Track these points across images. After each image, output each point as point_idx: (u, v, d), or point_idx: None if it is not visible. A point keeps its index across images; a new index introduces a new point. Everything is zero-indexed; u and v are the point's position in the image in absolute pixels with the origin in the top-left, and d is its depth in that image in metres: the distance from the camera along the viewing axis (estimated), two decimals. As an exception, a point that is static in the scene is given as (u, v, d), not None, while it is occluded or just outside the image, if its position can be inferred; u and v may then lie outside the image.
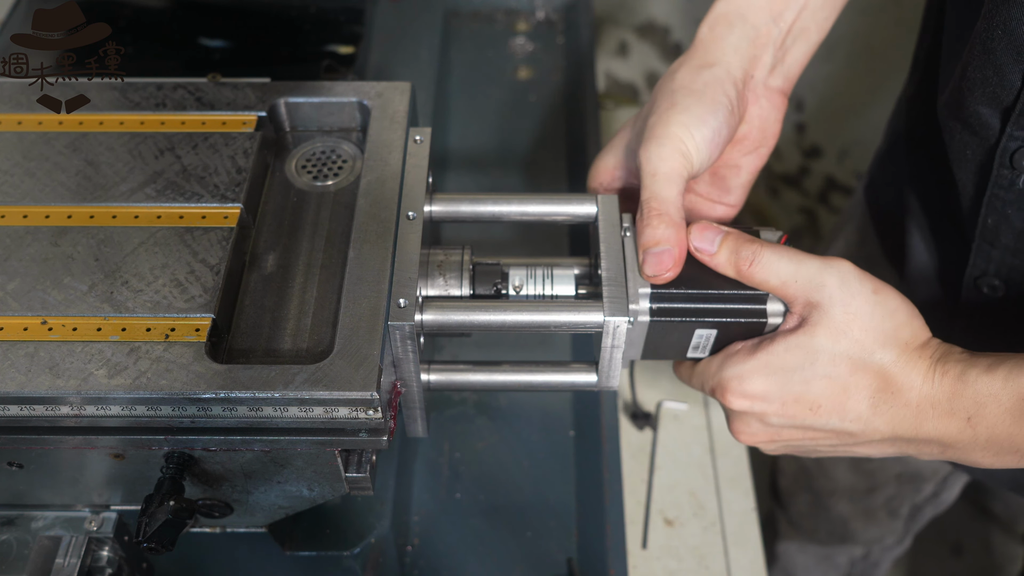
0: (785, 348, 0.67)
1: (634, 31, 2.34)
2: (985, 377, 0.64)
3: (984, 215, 0.81)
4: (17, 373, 0.62)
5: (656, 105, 0.74)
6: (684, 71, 0.75)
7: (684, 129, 0.71)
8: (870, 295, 0.66)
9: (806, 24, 0.79)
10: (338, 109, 0.81)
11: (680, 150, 0.71)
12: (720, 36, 0.76)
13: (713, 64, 0.75)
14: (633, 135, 0.78)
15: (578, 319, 0.69)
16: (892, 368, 0.66)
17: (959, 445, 0.66)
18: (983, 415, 0.64)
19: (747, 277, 0.68)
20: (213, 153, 0.76)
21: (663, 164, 0.70)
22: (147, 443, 0.65)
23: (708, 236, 0.70)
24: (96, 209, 0.72)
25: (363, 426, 0.64)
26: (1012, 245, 0.81)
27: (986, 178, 0.79)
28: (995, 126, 0.75)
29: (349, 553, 0.84)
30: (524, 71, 1.34)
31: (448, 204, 0.76)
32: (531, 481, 0.99)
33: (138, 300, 0.66)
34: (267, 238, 0.74)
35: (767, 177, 2.32)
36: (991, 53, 0.71)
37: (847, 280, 0.66)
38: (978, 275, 0.86)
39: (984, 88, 0.74)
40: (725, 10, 0.77)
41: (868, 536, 1.44)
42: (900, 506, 1.37)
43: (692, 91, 0.73)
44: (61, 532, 0.75)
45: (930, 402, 0.65)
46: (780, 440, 0.71)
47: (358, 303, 0.66)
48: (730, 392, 0.69)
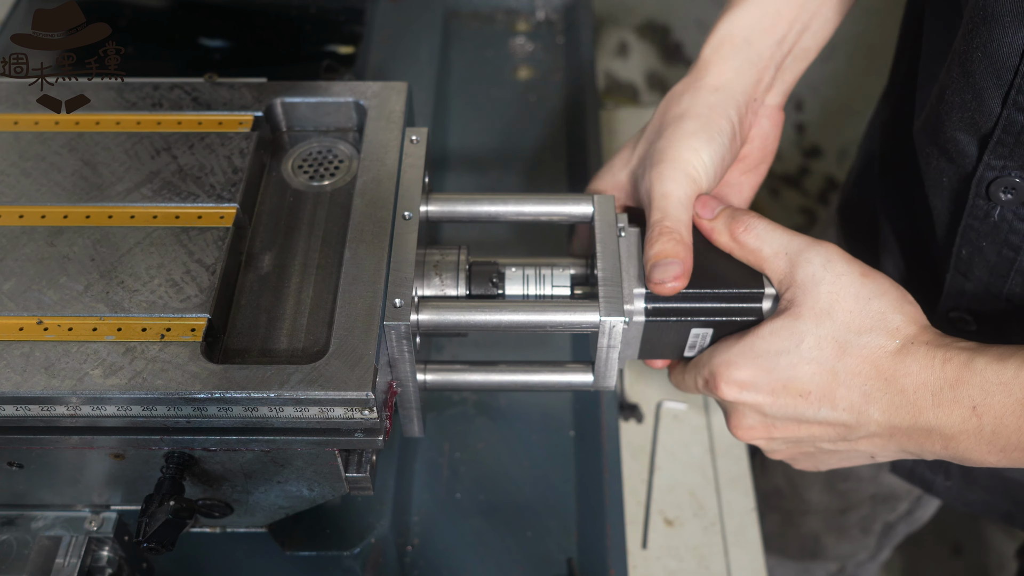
0: (770, 331, 0.67)
1: (634, 31, 2.34)
2: (995, 365, 0.61)
3: (959, 246, 0.78)
4: (12, 373, 0.62)
5: (664, 129, 0.74)
6: (690, 95, 0.75)
7: (694, 153, 0.72)
8: (856, 276, 0.65)
9: (807, 44, 0.79)
10: (334, 109, 0.81)
11: (690, 174, 0.71)
12: (724, 59, 0.76)
13: (718, 88, 0.75)
14: (636, 158, 0.77)
15: (574, 319, 0.69)
16: (882, 354, 0.64)
17: (962, 437, 0.63)
18: (990, 404, 0.61)
19: (740, 243, 0.69)
20: (209, 153, 0.76)
21: (675, 187, 0.71)
22: (144, 443, 0.65)
23: (711, 204, 0.71)
24: (92, 209, 0.72)
25: (359, 426, 0.64)
26: (985, 279, 0.78)
27: (961, 207, 0.75)
28: (972, 154, 0.72)
29: (349, 553, 0.84)
30: (524, 71, 1.34)
31: (444, 204, 0.76)
32: (531, 481, 0.99)
33: (134, 300, 0.66)
34: (263, 238, 0.74)
35: (767, 177, 2.31)
36: (970, 76, 0.68)
37: (833, 260, 0.66)
38: (950, 307, 0.83)
39: (962, 113, 0.71)
40: (729, 32, 0.77)
41: (840, 552, 1.42)
42: (873, 523, 1.35)
43: (699, 115, 0.73)
44: (61, 532, 0.75)
45: (930, 389, 0.63)
46: (777, 435, 0.70)
47: (354, 303, 0.66)
48: (720, 379, 0.68)
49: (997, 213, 0.73)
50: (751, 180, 0.81)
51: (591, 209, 0.74)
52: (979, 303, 0.80)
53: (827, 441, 0.69)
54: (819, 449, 0.71)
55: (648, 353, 0.74)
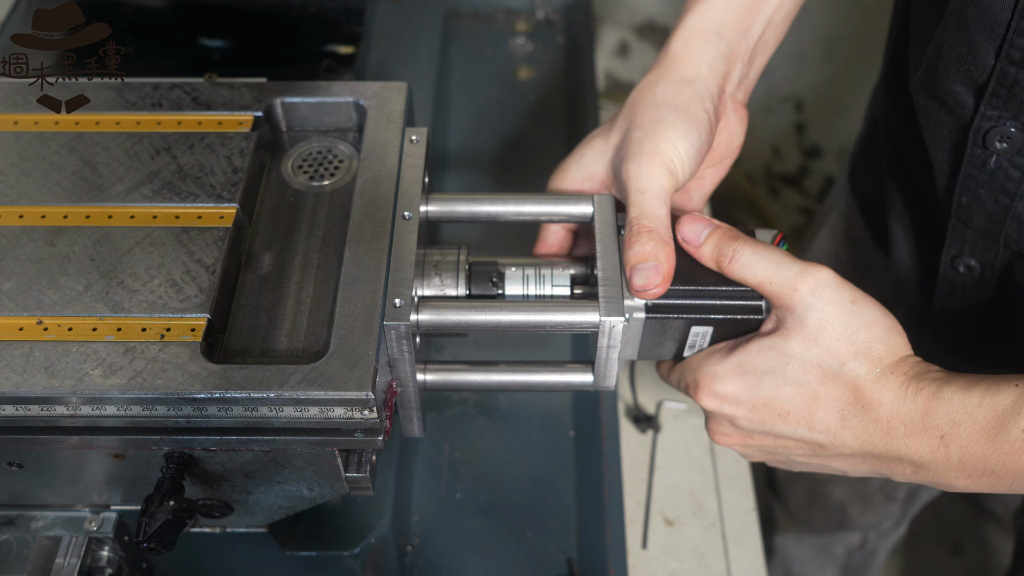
0: (759, 349, 0.67)
1: (634, 31, 2.34)
2: (960, 395, 0.62)
3: (958, 195, 0.81)
4: (12, 373, 0.62)
5: (639, 120, 0.74)
6: (664, 86, 0.75)
7: (671, 146, 0.71)
8: (846, 304, 0.66)
9: (768, 38, 0.80)
10: (334, 109, 0.81)
11: (668, 167, 0.71)
12: (696, 52, 0.76)
13: (692, 80, 0.75)
14: (611, 149, 0.76)
15: (574, 319, 0.69)
16: (862, 382, 0.65)
17: (931, 465, 0.64)
18: (956, 434, 0.62)
19: (728, 272, 0.69)
20: (209, 153, 0.76)
21: (652, 181, 0.70)
22: (144, 443, 0.65)
23: (696, 228, 0.70)
24: (92, 209, 0.72)
25: (359, 426, 0.64)
26: (984, 226, 0.82)
27: (961, 158, 0.79)
28: (969, 104, 0.76)
29: (349, 553, 0.84)
30: (524, 71, 1.34)
31: (444, 204, 0.76)
32: (531, 481, 0.99)
33: (134, 300, 0.66)
34: (263, 238, 0.74)
35: (767, 177, 2.31)
36: (965, 30, 0.72)
37: (822, 287, 0.66)
38: (954, 255, 0.87)
39: (959, 66, 0.74)
40: (699, 24, 0.77)
41: (865, 521, 1.44)
42: (896, 490, 1.37)
43: (676, 107, 0.73)
44: (61, 532, 0.75)
45: (901, 420, 0.64)
46: (752, 444, 0.71)
47: (354, 303, 0.66)
48: (702, 390, 0.70)
49: (993, 161, 0.77)
50: (714, 174, 0.81)
51: (591, 209, 0.74)
52: (980, 250, 0.84)
53: (800, 455, 0.71)
54: (791, 460, 0.72)
55: (648, 353, 0.74)
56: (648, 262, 0.67)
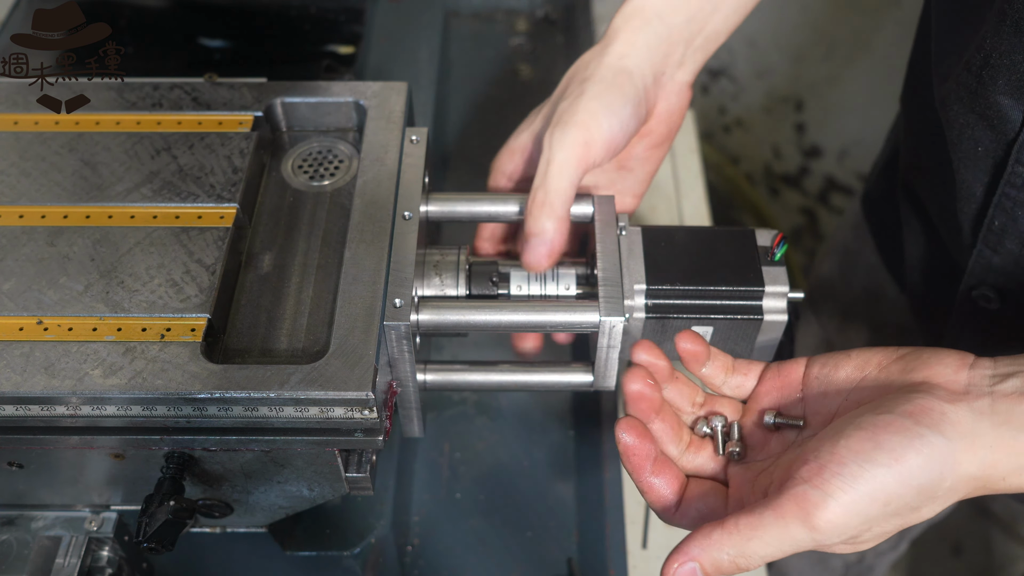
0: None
1: (635, 31, 2.34)
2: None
3: (991, 217, 0.77)
4: (12, 373, 0.62)
5: (567, 92, 0.74)
6: (596, 62, 0.75)
7: (592, 117, 0.71)
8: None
9: (718, 27, 0.79)
10: (334, 109, 0.81)
11: (584, 138, 0.71)
12: (635, 30, 0.76)
13: (625, 56, 0.75)
14: (540, 120, 0.77)
15: (574, 319, 0.69)
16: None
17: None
18: None
19: None
20: (209, 153, 0.76)
21: (561, 152, 0.70)
22: (144, 443, 0.65)
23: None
24: (92, 209, 0.72)
25: (359, 426, 0.64)
26: (1016, 251, 0.78)
27: (997, 177, 0.75)
28: (1016, 119, 0.72)
29: (349, 553, 0.84)
30: (524, 71, 1.34)
31: (444, 204, 0.76)
32: (531, 481, 0.99)
33: (134, 300, 0.66)
34: (263, 238, 0.74)
35: (767, 177, 2.31)
36: (1022, 36, 0.68)
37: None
38: (974, 284, 0.83)
39: (1010, 76, 0.70)
40: (641, 4, 0.77)
41: None
42: None
43: (603, 80, 0.73)
44: (61, 532, 0.75)
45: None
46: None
47: (354, 303, 0.66)
48: None
49: None
50: (656, 155, 0.81)
51: (591, 209, 0.74)
52: (1005, 278, 0.80)
53: None
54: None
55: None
56: (537, 237, 0.69)
